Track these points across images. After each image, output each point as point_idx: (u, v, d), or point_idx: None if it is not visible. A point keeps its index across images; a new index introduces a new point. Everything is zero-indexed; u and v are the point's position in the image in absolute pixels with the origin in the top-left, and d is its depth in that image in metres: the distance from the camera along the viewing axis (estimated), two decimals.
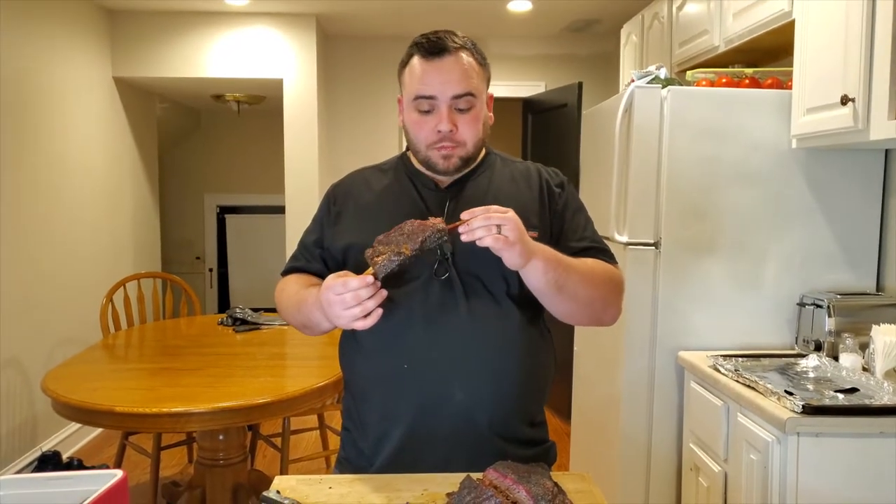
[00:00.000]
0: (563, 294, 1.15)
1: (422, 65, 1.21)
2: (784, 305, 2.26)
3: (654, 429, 2.33)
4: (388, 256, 1.05)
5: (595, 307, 1.23)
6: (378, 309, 1.07)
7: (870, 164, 2.21)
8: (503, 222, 1.04)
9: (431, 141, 1.22)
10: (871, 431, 1.62)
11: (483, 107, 1.25)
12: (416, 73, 1.22)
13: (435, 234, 1.06)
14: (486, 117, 1.28)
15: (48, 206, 3.52)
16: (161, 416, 1.97)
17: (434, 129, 1.21)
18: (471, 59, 1.23)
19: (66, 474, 1.03)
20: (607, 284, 1.23)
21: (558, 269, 1.12)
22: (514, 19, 4.32)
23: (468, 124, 1.22)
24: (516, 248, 1.05)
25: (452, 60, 1.20)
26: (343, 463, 1.32)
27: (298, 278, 1.33)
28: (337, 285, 1.06)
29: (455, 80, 1.19)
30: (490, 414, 1.20)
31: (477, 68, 1.24)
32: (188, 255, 6.62)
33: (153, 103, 5.09)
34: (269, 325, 3.08)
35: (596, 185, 2.66)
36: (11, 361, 3.23)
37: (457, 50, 1.21)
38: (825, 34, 1.93)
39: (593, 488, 1.16)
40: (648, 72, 2.33)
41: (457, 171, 1.26)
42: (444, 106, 1.20)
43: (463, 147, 1.23)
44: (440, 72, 1.20)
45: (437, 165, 1.24)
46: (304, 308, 1.20)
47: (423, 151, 1.24)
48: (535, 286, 1.14)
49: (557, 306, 1.19)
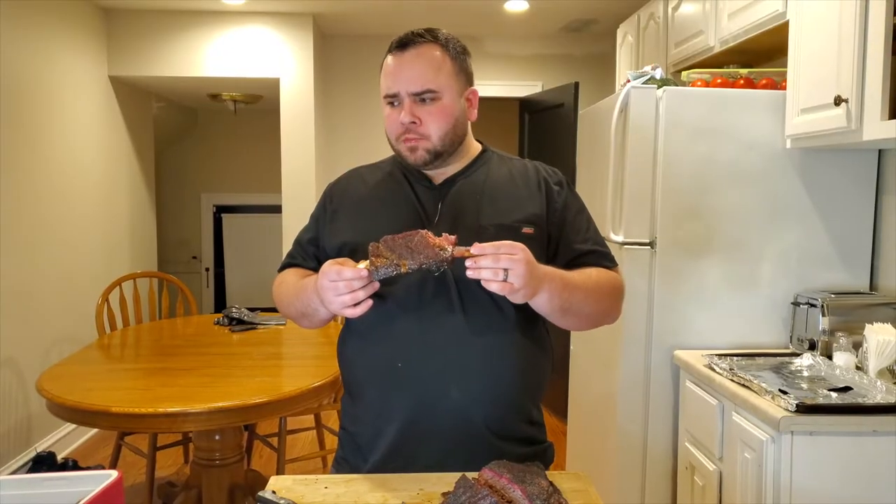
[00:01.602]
0: (569, 314, 1.19)
1: (390, 60, 1.26)
2: (778, 304, 2.27)
3: (649, 428, 2.34)
4: (386, 264, 1.07)
5: (598, 319, 1.27)
6: (368, 300, 1.09)
7: (863, 163, 2.22)
8: (511, 266, 1.03)
9: (398, 133, 1.25)
10: (864, 430, 1.63)
11: (453, 102, 1.25)
12: (386, 71, 1.26)
13: (437, 262, 1.06)
14: (460, 112, 1.26)
15: (44, 205, 3.51)
16: (157, 416, 1.97)
17: (399, 122, 1.23)
18: (437, 53, 1.23)
19: (62, 475, 1.03)
20: (611, 295, 1.26)
21: (563, 293, 1.15)
22: (510, 19, 4.33)
23: (432, 116, 1.23)
24: (520, 293, 1.07)
25: (414, 55, 1.23)
26: (340, 462, 1.33)
27: (297, 271, 1.36)
28: (332, 272, 1.09)
29: (414, 77, 1.22)
30: (486, 412, 1.21)
31: (445, 62, 1.24)
32: (184, 255, 6.61)
33: (150, 102, 5.08)
34: (265, 324, 3.08)
35: (592, 184, 2.66)
36: (7, 361, 3.22)
37: (422, 44, 1.23)
38: (819, 35, 1.94)
39: (589, 487, 1.16)
40: (644, 72, 2.33)
41: (426, 164, 1.26)
42: (407, 99, 1.23)
43: (427, 140, 1.23)
44: (402, 68, 1.23)
45: (406, 158, 1.26)
46: (304, 295, 1.23)
47: (395, 145, 1.28)
48: (540, 310, 1.18)
49: (561, 323, 1.22)
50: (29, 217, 3.37)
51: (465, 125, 1.30)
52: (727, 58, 2.65)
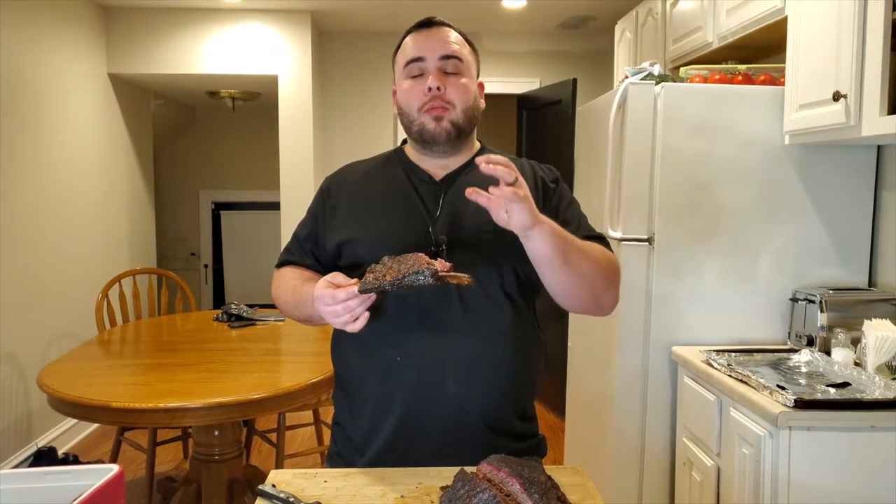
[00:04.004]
0: (567, 266, 1.12)
1: (412, 37, 1.29)
2: (777, 301, 2.27)
3: (647, 424, 2.35)
4: (372, 278, 1.07)
5: (596, 286, 1.19)
6: (366, 313, 1.08)
7: (862, 159, 2.23)
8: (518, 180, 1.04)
9: (422, 102, 1.24)
10: (862, 425, 1.63)
11: (472, 81, 1.29)
12: (408, 45, 1.29)
13: (420, 271, 1.04)
14: (476, 97, 1.30)
15: (43, 202, 3.51)
16: (157, 411, 1.97)
17: (424, 91, 1.24)
18: (459, 37, 1.30)
19: (64, 469, 1.03)
20: (607, 264, 1.22)
21: (559, 237, 1.11)
22: (508, 16, 4.33)
23: (456, 87, 1.25)
24: (528, 204, 1.03)
25: (439, 28, 1.29)
26: (334, 457, 1.33)
27: (294, 272, 1.34)
28: (326, 297, 1.08)
29: (443, 43, 1.26)
30: (482, 407, 1.21)
31: (465, 45, 1.30)
32: (183, 252, 6.61)
33: (148, 100, 5.08)
34: (264, 321, 3.09)
35: (590, 181, 2.67)
36: (7, 357, 3.22)
37: (444, 26, 1.30)
38: (817, 31, 1.94)
39: (586, 482, 1.17)
40: (642, 68, 2.33)
41: (448, 138, 1.25)
42: (433, 66, 1.25)
43: (452, 109, 1.24)
44: (429, 38, 1.27)
45: (430, 130, 1.24)
46: (305, 307, 1.22)
47: (417, 118, 1.25)
48: (540, 253, 1.10)
49: (560, 279, 1.15)
50: (28, 214, 3.37)
51: (479, 110, 1.31)
52: (725, 54, 2.65)
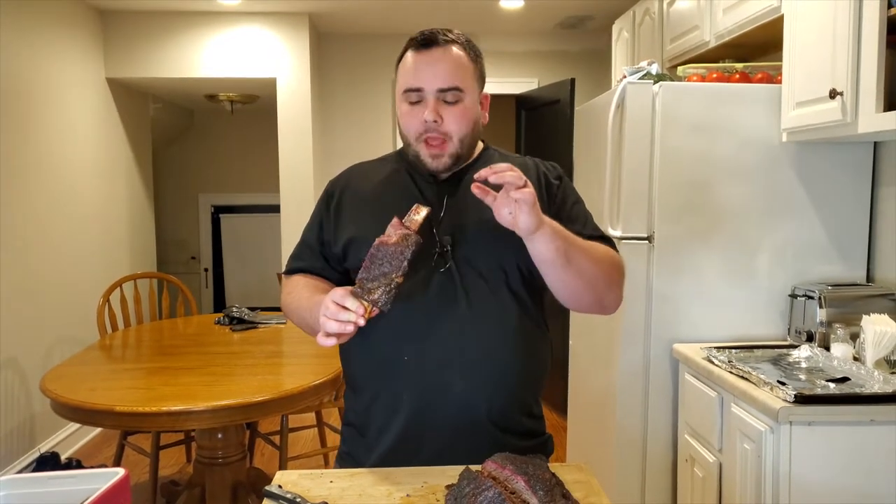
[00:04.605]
0: (570, 267, 1.14)
1: (413, 57, 1.24)
2: (776, 297, 2.28)
3: (649, 421, 2.35)
4: (383, 290, 1.08)
5: (599, 286, 1.21)
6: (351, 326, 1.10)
7: (859, 156, 2.24)
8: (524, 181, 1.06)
9: (419, 132, 1.24)
10: (862, 419, 1.65)
11: (474, 104, 1.26)
12: (408, 66, 1.25)
13: (411, 247, 1.07)
14: (478, 115, 1.28)
15: (43, 207, 3.51)
16: (160, 414, 1.98)
17: (421, 120, 1.22)
18: (461, 54, 1.25)
19: (69, 473, 1.04)
20: (611, 264, 1.24)
21: (567, 239, 1.13)
22: (506, 16, 4.33)
23: (454, 117, 1.23)
24: (535, 208, 1.05)
25: (441, 52, 1.23)
26: (344, 457, 1.34)
27: (304, 283, 1.33)
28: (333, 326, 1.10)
29: (442, 73, 1.21)
30: (489, 404, 1.22)
31: (468, 64, 1.25)
32: (183, 255, 6.62)
33: (146, 103, 5.08)
34: (265, 323, 3.09)
35: (589, 180, 2.67)
36: (9, 362, 3.23)
37: (447, 43, 1.23)
38: (813, 29, 1.95)
39: (590, 478, 1.18)
40: (640, 68, 2.34)
41: (447, 170, 1.27)
42: (431, 97, 1.22)
43: (449, 141, 1.23)
44: (428, 64, 1.22)
45: (427, 164, 1.25)
46: (314, 324, 1.20)
47: (413, 144, 1.26)
48: (544, 254, 1.12)
49: (564, 279, 1.16)
50: (28, 219, 3.38)
51: (480, 128, 1.30)
52: (722, 52, 2.66)
